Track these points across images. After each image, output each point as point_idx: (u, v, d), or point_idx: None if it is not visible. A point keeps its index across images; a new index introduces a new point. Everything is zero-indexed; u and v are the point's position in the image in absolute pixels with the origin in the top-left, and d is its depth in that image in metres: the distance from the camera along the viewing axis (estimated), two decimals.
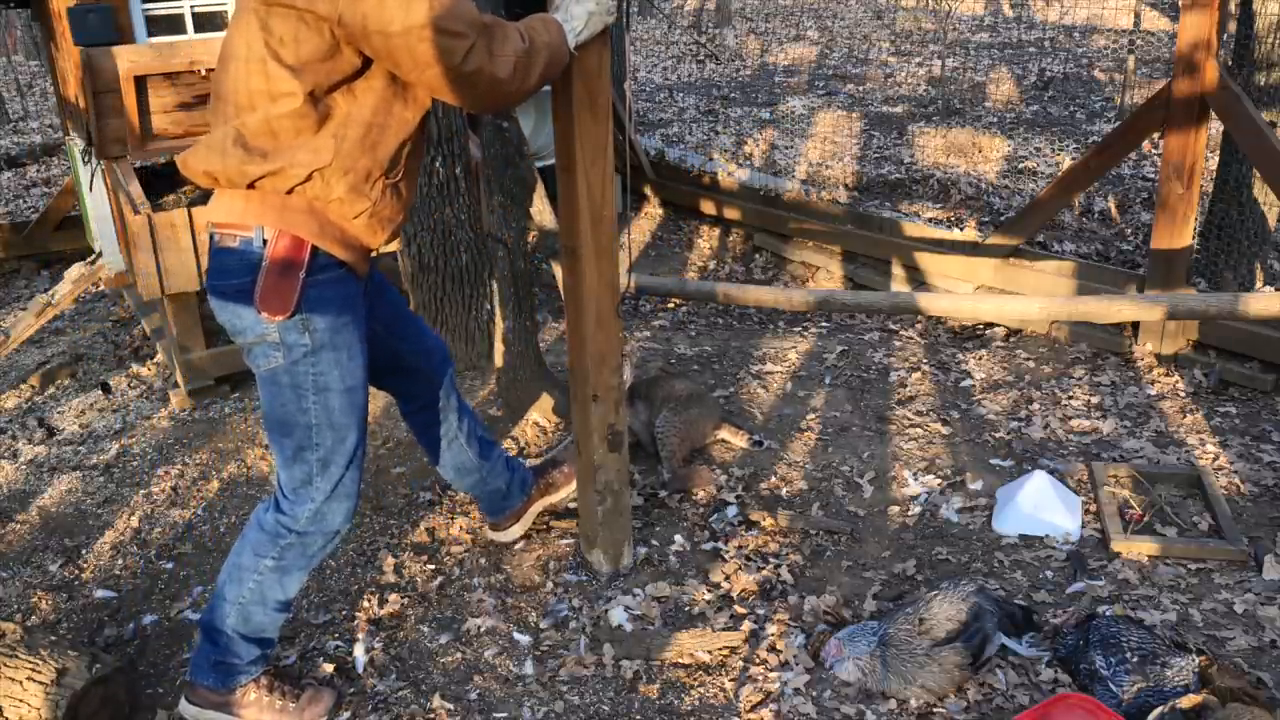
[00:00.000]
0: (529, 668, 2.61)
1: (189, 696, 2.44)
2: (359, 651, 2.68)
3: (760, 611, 2.76)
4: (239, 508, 3.41)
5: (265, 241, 2.13)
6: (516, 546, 3.09)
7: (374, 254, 2.34)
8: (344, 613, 2.86)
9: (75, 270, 4.65)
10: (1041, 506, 3.04)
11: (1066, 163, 6.80)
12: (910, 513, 3.21)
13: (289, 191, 2.13)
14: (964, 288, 4.93)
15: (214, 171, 2.14)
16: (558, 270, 3.78)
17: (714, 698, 2.49)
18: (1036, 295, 4.47)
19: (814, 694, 2.46)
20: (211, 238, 2.22)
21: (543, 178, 4.12)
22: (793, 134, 8.24)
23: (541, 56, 2.19)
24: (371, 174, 2.16)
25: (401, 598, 2.89)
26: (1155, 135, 4.56)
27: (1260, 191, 4.64)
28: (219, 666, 2.41)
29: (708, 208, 6.55)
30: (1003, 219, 5.76)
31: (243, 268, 2.15)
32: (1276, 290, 4.76)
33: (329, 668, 2.62)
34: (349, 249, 2.22)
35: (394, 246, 4.02)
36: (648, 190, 7.07)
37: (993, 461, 3.46)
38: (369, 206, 2.18)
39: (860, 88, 9.91)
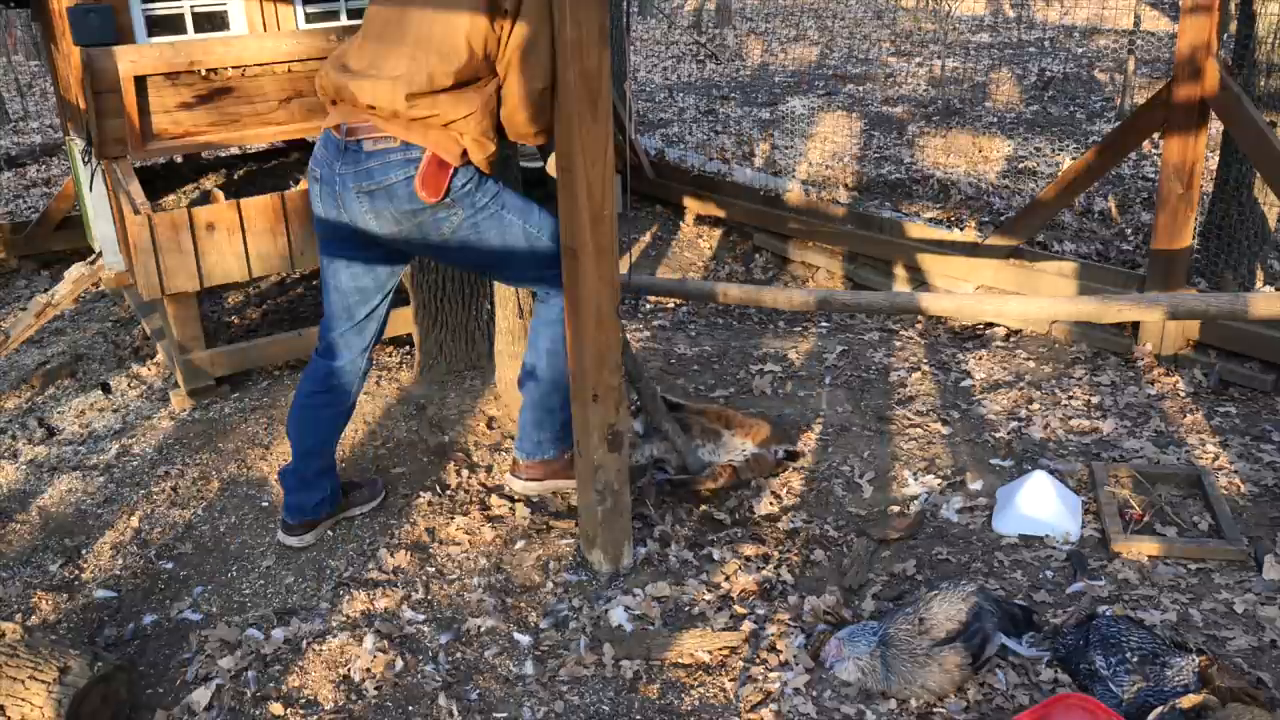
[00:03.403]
0: (529, 668, 2.62)
1: (524, 475, 3.14)
2: (359, 651, 2.68)
3: (760, 611, 2.76)
4: (239, 508, 3.41)
5: (421, 152, 2.64)
6: (516, 546, 3.09)
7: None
8: (343, 612, 2.86)
9: (75, 270, 4.64)
10: (1041, 507, 3.04)
11: (1066, 163, 6.80)
12: (910, 513, 3.21)
13: (445, 125, 2.62)
14: (964, 288, 4.93)
15: (386, 107, 2.61)
16: None
17: (714, 698, 2.49)
18: (1036, 295, 4.46)
19: (814, 694, 2.46)
20: (360, 145, 2.65)
21: (542, 178, 4.12)
22: (793, 134, 8.24)
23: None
24: (491, 131, 2.69)
25: (401, 597, 2.89)
26: (1155, 135, 4.56)
27: (1260, 191, 4.65)
28: (560, 437, 3.06)
29: (708, 208, 6.55)
30: (1003, 219, 5.76)
31: (405, 164, 2.64)
32: (1276, 290, 4.76)
33: (329, 668, 2.62)
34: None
35: None
36: (649, 191, 7.07)
37: (993, 461, 3.46)
38: (493, 151, 2.72)
39: (860, 88, 9.91)
